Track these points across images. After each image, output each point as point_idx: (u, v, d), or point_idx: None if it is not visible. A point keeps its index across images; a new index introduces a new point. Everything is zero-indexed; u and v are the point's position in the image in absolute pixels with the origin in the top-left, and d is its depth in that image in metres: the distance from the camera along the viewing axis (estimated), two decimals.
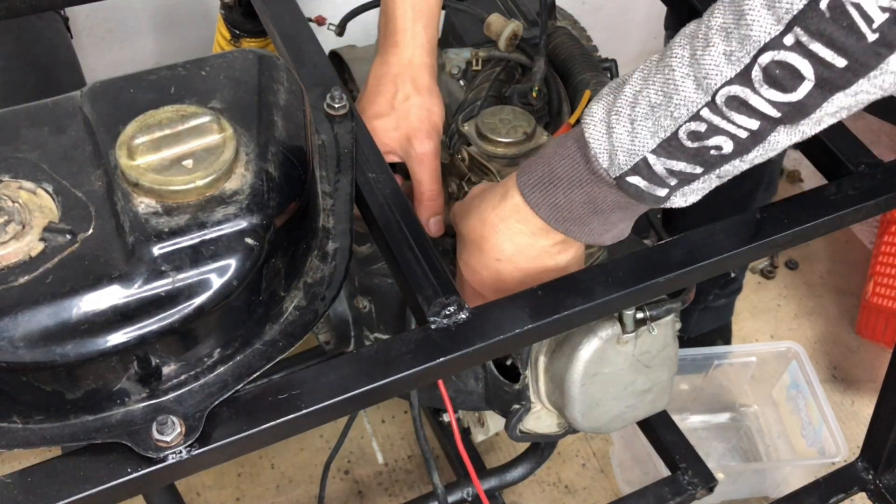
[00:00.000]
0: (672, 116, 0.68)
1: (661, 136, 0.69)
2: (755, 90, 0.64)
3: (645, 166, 0.71)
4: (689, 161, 0.70)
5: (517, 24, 1.12)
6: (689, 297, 1.00)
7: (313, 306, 0.77)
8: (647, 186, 0.72)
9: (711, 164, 0.70)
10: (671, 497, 1.32)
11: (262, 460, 1.65)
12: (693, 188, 0.73)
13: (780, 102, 0.64)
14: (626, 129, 0.70)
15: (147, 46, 1.70)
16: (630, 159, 0.71)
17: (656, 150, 0.70)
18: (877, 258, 1.89)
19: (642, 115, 0.70)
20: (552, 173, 0.77)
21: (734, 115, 0.66)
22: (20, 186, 0.69)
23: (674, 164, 0.70)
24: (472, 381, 1.09)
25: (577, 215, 0.78)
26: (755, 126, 0.66)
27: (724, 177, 0.73)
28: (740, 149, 0.68)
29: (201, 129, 0.71)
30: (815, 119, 0.66)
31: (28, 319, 0.64)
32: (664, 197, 0.74)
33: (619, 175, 0.72)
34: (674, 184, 0.72)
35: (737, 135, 0.67)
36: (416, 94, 0.99)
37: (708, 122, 0.67)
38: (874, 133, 2.17)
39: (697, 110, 0.67)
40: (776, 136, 0.67)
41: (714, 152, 0.69)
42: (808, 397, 1.63)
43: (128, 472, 0.67)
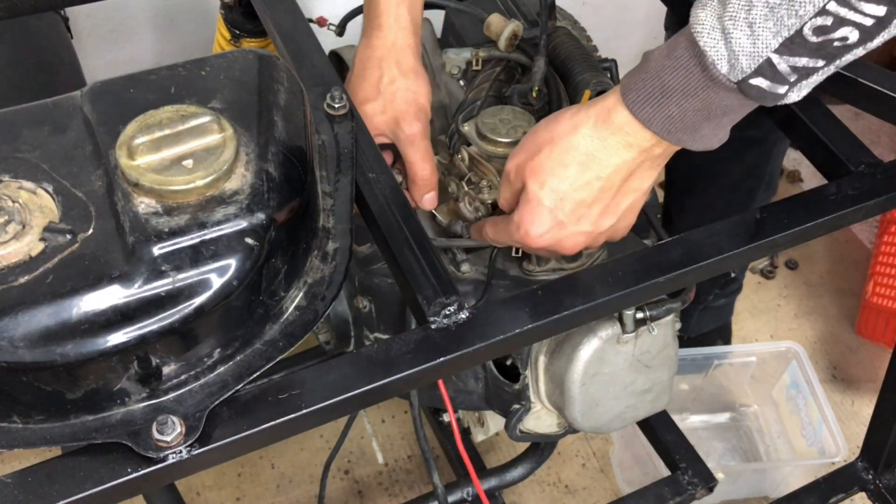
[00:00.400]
0: (797, 14, 0.68)
1: (784, 35, 0.69)
2: None
3: (769, 66, 0.71)
4: (811, 56, 0.70)
5: (517, 24, 1.12)
6: (689, 297, 1.00)
7: (313, 306, 0.77)
8: (769, 86, 0.72)
9: (833, 55, 0.70)
10: (671, 497, 1.32)
11: (262, 460, 1.65)
12: (811, 81, 0.73)
13: None
14: (744, 33, 0.70)
15: (147, 46, 1.70)
16: (753, 62, 0.71)
17: (779, 48, 0.70)
18: (877, 258, 1.89)
19: (761, 17, 0.69)
20: (663, 86, 0.76)
21: (863, 5, 0.66)
22: (20, 186, 0.69)
23: (797, 60, 0.70)
24: (472, 381, 1.09)
25: (690, 123, 0.77)
26: (882, 12, 0.67)
27: (841, 66, 0.73)
28: (865, 37, 0.68)
29: (201, 129, 0.71)
30: None
31: (28, 319, 0.64)
32: (783, 94, 0.74)
33: (741, 79, 0.72)
34: (794, 80, 0.72)
35: (863, 24, 0.67)
36: (401, 77, 1.00)
37: (835, 15, 0.67)
38: (874, 133, 2.17)
39: (824, 4, 0.67)
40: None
41: (838, 44, 0.69)
42: (808, 397, 1.63)
43: (128, 472, 0.67)
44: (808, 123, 1.01)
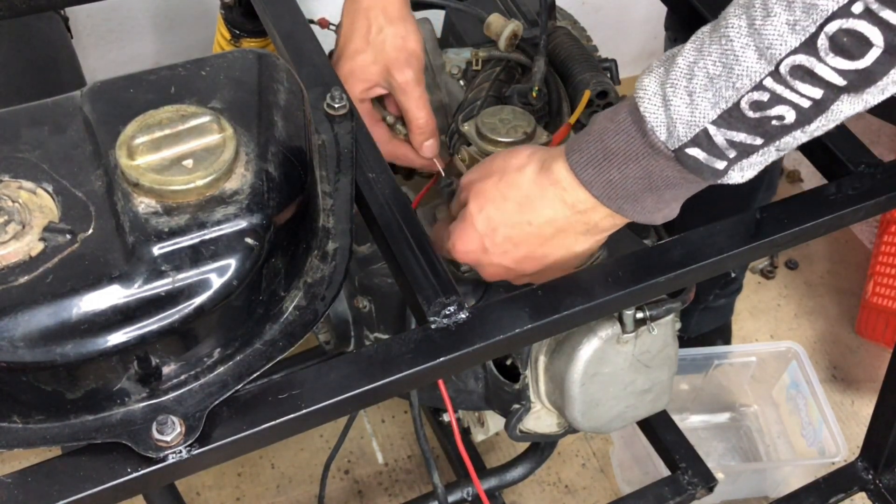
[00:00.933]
0: (734, 87, 0.68)
1: (722, 107, 0.69)
2: (821, 59, 0.64)
3: (705, 137, 0.71)
4: (749, 132, 0.70)
5: (517, 24, 1.12)
6: (689, 297, 1.00)
7: (313, 306, 0.77)
8: (706, 158, 0.72)
9: (772, 135, 0.70)
10: (671, 497, 1.32)
11: (262, 460, 1.65)
12: (751, 161, 0.73)
13: (847, 70, 0.64)
14: (683, 101, 0.70)
15: (147, 46, 1.70)
16: (690, 131, 0.71)
17: (717, 120, 0.70)
18: (877, 258, 1.89)
19: (701, 87, 0.69)
20: (606, 149, 0.76)
21: (798, 85, 0.66)
22: (20, 186, 0.69)
23: (734, 134, 0.70)
24: (472, 380, 1.09)
25: (632, 192, 0.77)
26: (819, 95, 0.66)
27: (783, 150, 0.72)
28: (803, 119, 0.68)
29: (201, 129, 0.71)
30: (880, 87, 0.66)
31: (28, 319, 0.64)
32: (722, 170, 0.73)
33: (678, 147, 0.72)
34: (733, 156, 0.72)
35: (800, 104, 0.67)
36: (388, 25, 1.00)
37: (771, 92, 0.67)
38: (874, 133, 2.17)
39: (761, 80, 0.67)
40: (839, 105, 0.67)
41: (776, 122, 0.69)
42: (808, 397, 1.63)
43: (128, 471, 0.67)
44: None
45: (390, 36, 0.99)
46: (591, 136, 0.78)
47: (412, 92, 1.00)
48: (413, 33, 1.01)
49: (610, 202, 0.78)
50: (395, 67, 1.00)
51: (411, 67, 1.00)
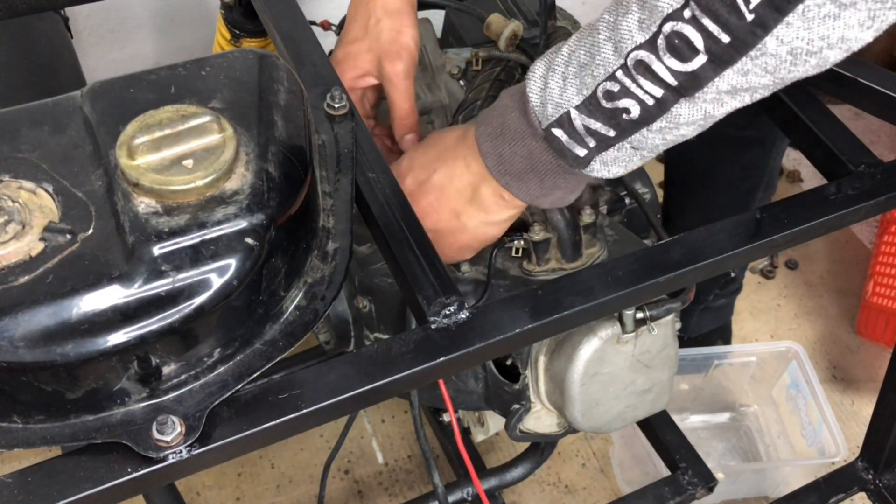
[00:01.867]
0: (593, 75, 0.73)
1: (584, 94, 0.74)
2: (659, 57, 0.68)
3: (567, 120, 0.75)
4: (604, 122, 0.74)
5: (517, 24, 1.12)
6: (689, 297, 1.00)
7: (313, 306, 0.77)
8: (567, 142, 0.76)
9: (623, 128, 0.74)
10: (671, 497, 1.32)
11: (262, 460, 1.65)
12: (612, 155, 0.76)
13: (678, 71, 0.68)
14: (557, 84, 0.75)
15: (147, 46, 1.70)
16: (556, 111, 0.76)
17: (579, 106, 0.74)
18: (876, 258, 1.89)
19: (573, 73, 0.74)
20: (502, 124, 0.82)
21: (641, 80, 0.70)
22: (20, 186, 0.69)
23: (591, 122, 0.74)
24: (472, 380, 1.09)
25: (518, 170, 0.82)
26: (659, 94, 0.70)
27: (639, 148, 0.76)
28: (647, 115, 0.72)
29: (201, 129, 0.71)
30: (711, 95, 0.69)
31: (28, 319, 0.64)
32: (583, 158, 0.77)
33: (546, 126, 0.77)
34: (592, 145, 0.76)
35: (644, 100, 0.71)
36: (386, 17, 1.02)
37: (620, 84, 0.71)
38: (874, 133, 2.17)
39: (613, 71, 0.71)
40: (678, 107, 0.71)
41: (625, 116, 0.73)
42: (808, 397, 1.63)
43: (128, 471, 0.67)
44: (808, 123, 1.01)
45: (386, 28, 1.02)
46: (495, 111, 0.84)
47: (399, 84, 1.02)
48: (409, 27, 1.03)
49: (499, 176, 0.83)
50: (387, 58, 1.02)
51: (402, 60, 1.02)
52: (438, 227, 0.91)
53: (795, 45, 0.64)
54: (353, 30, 1.05)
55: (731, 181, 1.56)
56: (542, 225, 0.98)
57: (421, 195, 0.91)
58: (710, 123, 0.73)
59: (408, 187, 0.91)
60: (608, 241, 1.05)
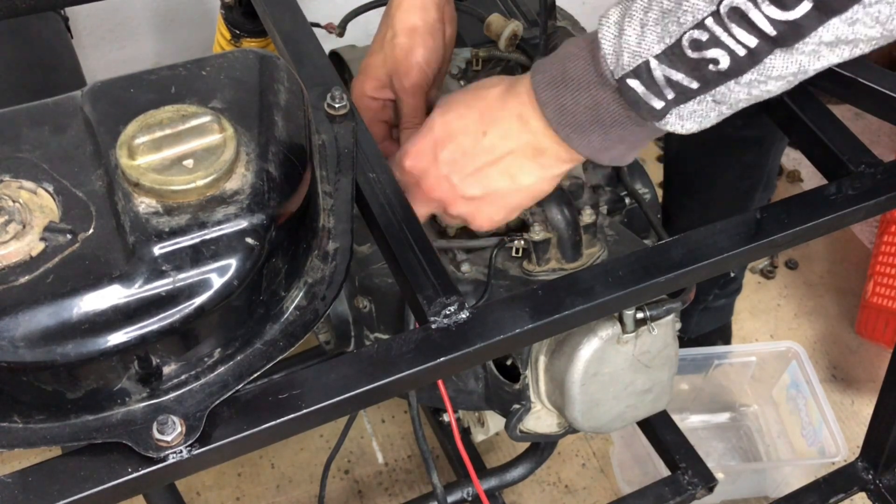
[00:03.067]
0: (679, 22, 0.69)
1: (666, 42, 0.70)
2: (756, 4, 0.65)
3: (646, 70, 0.71)
4: (687, 73, 0.70)
5: (517, 24, 1.12)
6: (689, 297, 1.00)
7: (314, 306, 0.77)
8: (644, 93, 0.72)
9: (708, 80, 0.70)
10: (671, 497, 1.32)
11: (262, 460, 1.65)
12: (689, 109, 0.73)
13: (778, 20, 0.65)
14: (635, 32, 0.71)
15: (147, 46, 1.70)
16: (633, 60, 0.71)
17: (660, 55, 0.70)
18: (876, 258, 1.89)
19: (653, 20, 0.70)
20: (564, 72, 0.77)
21: (734, 29, 0.66)
22: (21, 186, 0.69)
23: (673, 73, 0.71)
24: (472, 380, 1.09)
25: (580, 121, 0.78)
26: (753, 44, 0.67)
27: (721, 102, 0.72)
28: (736, 67, 0.68)
29: (202, 129, 0.71)
30: (811, 47, 0.66)
31: (29, 319, 0.64)
32: (660, 111, 0.73)
33: (621, 76, 0.73)
34: (670, 97, 0.72)
35: (735, 51, 0.68)
36: (401, 34, 1.02)
37: (710, 32, 0.68)
38: (874, 133, 2.17)
39: (702, 18, 0.67)
40: (772, 59, 0.67)
41: (712, 67, 0.69)
42: (808, 397, 1.63)
43: (128, 471, 0.67)
44: (808, 123, 1.01)
45: (399, 45, 1.02)
46: (556, 59, 0.79)
47: (407, 100, 1.03)
48: (420, 47, 1.02)
49: (560, 128, 0.79)
50: (397, 74, 1.02)
51: (410, 77, 1.02)
52: (488, 192, 0.87)
53: None
54: (374, 42, 1.06)
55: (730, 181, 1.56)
56: (543, 225, 0.98)
57: (468, 161, 0.86)
58: (801, 80, 0.70)
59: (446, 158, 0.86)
60: (608, 241, 1.05)
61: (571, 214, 0.98)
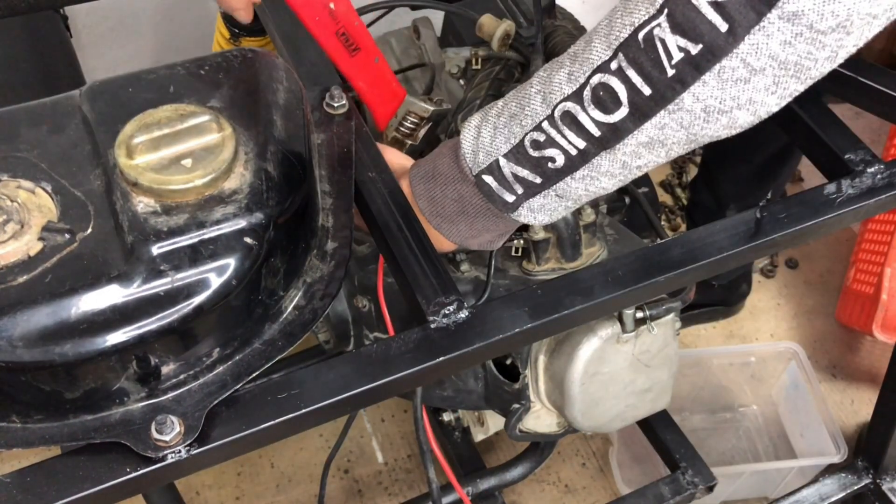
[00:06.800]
0: (521, 125, 0.77)
1: (511, 143, 0.78)
2: (584, 108, 0.72)
3: (497, 167, 0.79)
4: (531, 170, 0.78)
5: (509, 24, 1.12)
6: (690, 297, 1.00)
7: (312, 305, 0.77)
8: (497, 188, 0.80)
9: (549, 176, 0.77)
10: (671, 496, 1.32)
11: (261, 459, 1.65)
12: (538, 203, 0.80)
13: (602, 122, 0.72)
14: (489, 133, 0.80)
15: (146, 45, 1.70)
16: (487, 158, 0.80)
17: (507, 154, 0.78)
18: (860, 245, 1.88)
19: (503, 124, 0.79)
20: (435, 169, 0.85)
21: (566, 130, 0.74)
22: (19, 186, 0.69)
23: (519, 170, 0.78)
24: (472, 380, 1.09)
25: (448, 213, 0.85)
26: (582, 145, 0.74)
27: (563, 197, 0.79)
28: (570, 164, 0.76)
29: (200, 129, 0.71)
30: (631, 147, 0.73)
31: (27, 319, 0.64)
32: (512, 204, 0.80)
33: (477, 172, 0.81)
34: (520, 192, 0.79)
35: (568, 150, 0.75)
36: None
37: (546, 134, 0.75)
38: (874, 133, 2.17)
39: (539, 122, 0.75)
40: (599, 160, 0.75)
41: (550, 165, 0.76)
42: (808, 397, 1.63)
43: (127, 471, 0.67)
44: (809, 122, 1.01)
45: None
46: (430, 156, 0.87)
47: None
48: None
49: (431, 218, 0.85)
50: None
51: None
52: None
53: (709, 104, 0.68)
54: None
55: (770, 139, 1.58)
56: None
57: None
58: (630, 176, 0.77)
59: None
60: (608, 240, 1.05)
61: (571, 214, 0.98)
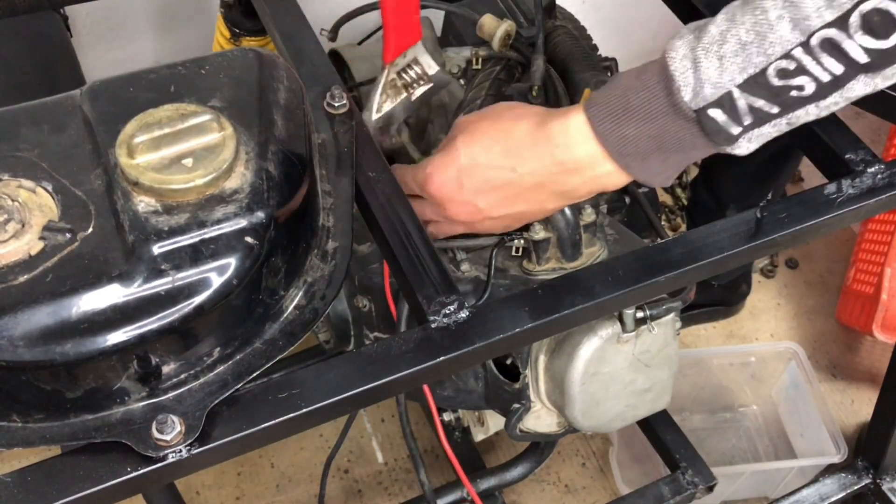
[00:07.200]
0: (765, 54, 0.72)
1: (749, 72, 0.73)
2: (850, 35, 0.68)
3: (729, 100, 0.74)
4: (769, 99, 0.73)
5: (510, 24, 1.12)
6: (690, 297, 1.00)
7: (313, 305, 0.77)
8: (725, 122, 0.75)
9: (789, 105, 0.73)
10: (671, 496, 1.32)
11: (261, 459, 1.65)
12: (762, 132, 0.76)
13: (871, 49, 0.69)
14: (713, 65, 0.74)
15: (147, 45, 1.70)
16: (716, 91, 0.74)
17: (742, 84, 0.73)
18: (860, 245, 1.88)
19: (731, 52, 0.73)
20: (627, 105, 0.79)
21: (824, 58, 0.70)
22: (20, 185, 0.69)
23: (755, 100, 0.74)
24: (472, 380, 1.09)
25: (642, 150, 0.80)
26: (839, 71, 0.70)
27: (793, 123, 0.76)
28: (820, 92, 0.72)
29: (201, 128, 0.71)
30: (892, 70, 0.71)
31: (28, 318, 0.64)
32: (735, 136, 0.76)
33: (701, 107, 0.75)
34: (748, 123, 0.75)
35: (820, 78, 0.71)
36: None
37: (798, 62, 0.71)
38: (874, 133, 2.17)
39: (790, 49, 0.71)
40: (854, 83, 0.71)
41: (795, 93, 0.72)
42: (808, 397, 1.63)
43: (127, 471, 0.67)
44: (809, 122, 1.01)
45: None
46: (615, 91, 0.80)
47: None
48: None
49: (620, 157, 0.80)
50: None
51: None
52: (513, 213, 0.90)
53: None
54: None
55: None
56: (543, 224, 0.98)
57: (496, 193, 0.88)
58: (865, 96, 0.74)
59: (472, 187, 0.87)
60: (608, 240, 1.05)
61: (571, 213, 0.97)
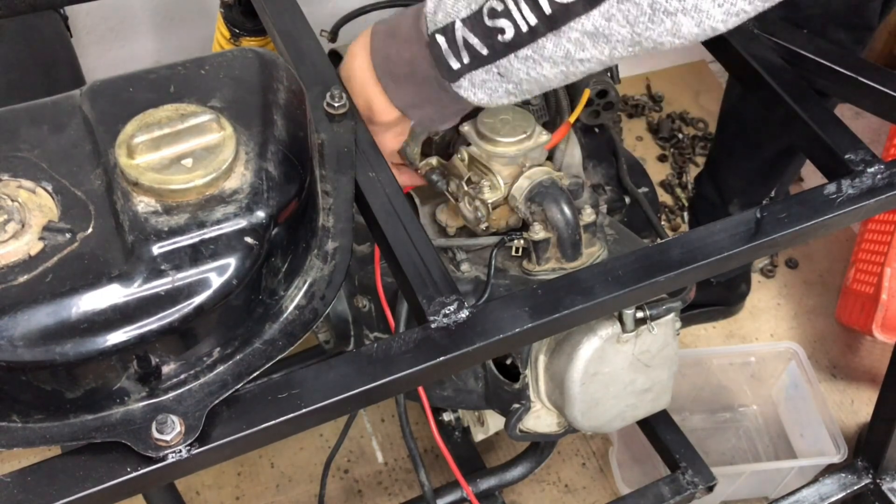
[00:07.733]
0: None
1: (472, 8, 0.79)
2: None
3: (451, 29, 0.80)
4: (481, 39, 0.79)
5: None
6: (690, 297, 1.00)
7: (313, 305, 0.77)
8: (445, 51, 0.81)
9: (496, 50, 0.79)
10: (671, 496, 1.32)
11: (261, 459, 1.65)
12: (479, 77, 0.81)
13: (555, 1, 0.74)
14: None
15: (147, 45, 1.70)
16: (445, 19, 0.80)
17: (465, 19, 0.79)
18: (860, 245, 1.88)
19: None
20: (397, 26, 0.86)
21: (522, 4, 0.75)
22: (20, 185, 0.69)
23: (471, 37, 0.79)
24: (472, 380, 1.09)
25: (399, 73, 0.86)
26: (533, 22, 0.76)
27: (505, 76, 0.80)
28: (518, 40, 0.77)
29: (201, 128, 0.71)
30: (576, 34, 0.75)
31: (27, 318, 0.64)
32: (456, 72, 0.81)
33: (432, 31, 0.81)
34: (465, 61, 0.81)
35: (519, 24, 0.76)
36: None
37: (504, 4, 0.76)
38: (874, 133, 2.17)
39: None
40: (545, 41, 0.76)
41: (500, 37, 0.78)
42: (808, 397, 1.63)
43: (127, 471, 0.67)
44: (809, 122, 1.01)
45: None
46: (396, 15, 0.88)
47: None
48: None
49: (382, 75, 0.88)
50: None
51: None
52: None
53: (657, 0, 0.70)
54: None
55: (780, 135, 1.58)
56: (543, 224, 0.98)
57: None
58: (572, 72, 0.78)
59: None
60: (608, 240, 1.05)
61: (571, 213, 0.98)
